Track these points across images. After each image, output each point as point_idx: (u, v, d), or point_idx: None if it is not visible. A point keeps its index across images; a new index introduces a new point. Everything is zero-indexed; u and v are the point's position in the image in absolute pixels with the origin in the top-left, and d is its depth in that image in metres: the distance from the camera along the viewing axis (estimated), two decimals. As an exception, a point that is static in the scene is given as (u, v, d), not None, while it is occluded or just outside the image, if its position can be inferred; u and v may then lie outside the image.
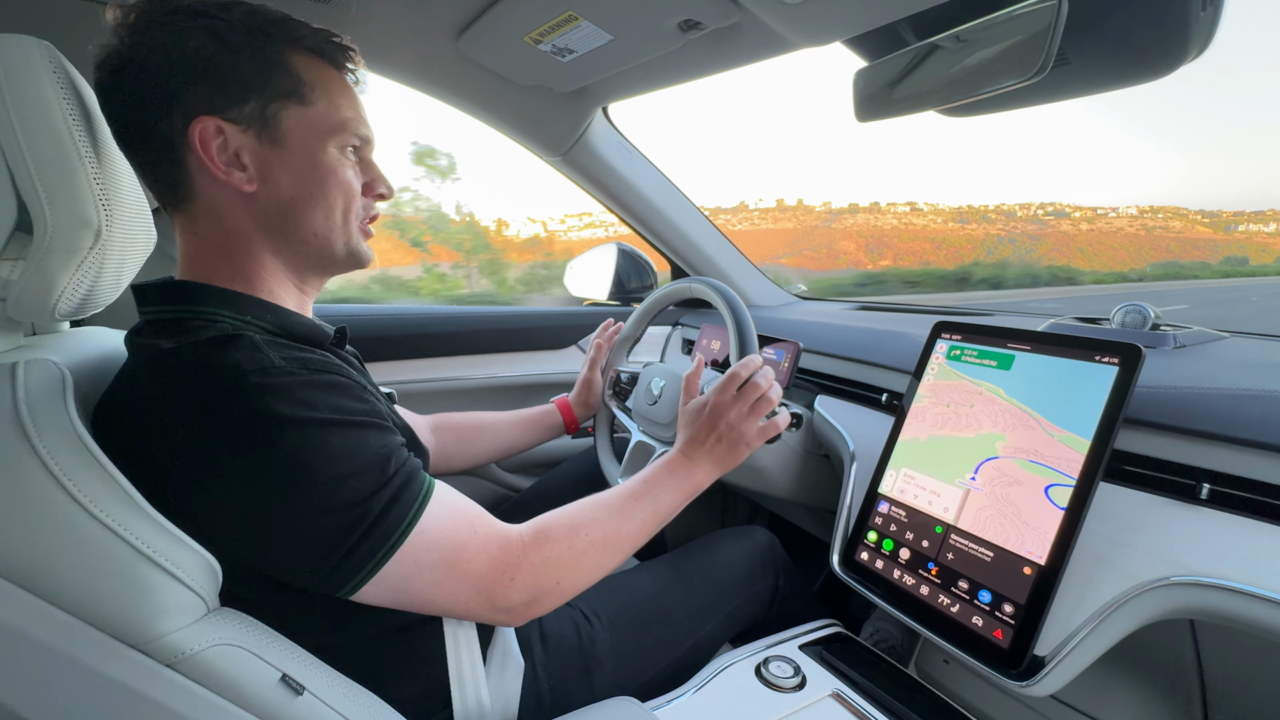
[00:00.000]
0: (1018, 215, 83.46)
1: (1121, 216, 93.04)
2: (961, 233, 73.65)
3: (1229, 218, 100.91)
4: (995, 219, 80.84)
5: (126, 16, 0.50)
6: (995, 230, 74.80)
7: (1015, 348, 0.70)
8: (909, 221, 79.83)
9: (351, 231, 0.59)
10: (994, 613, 0.60)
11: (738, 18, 0.78)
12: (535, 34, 0.87)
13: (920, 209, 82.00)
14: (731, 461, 0.71)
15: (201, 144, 0.51)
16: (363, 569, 0.47)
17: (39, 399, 0.44)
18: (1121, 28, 0.69)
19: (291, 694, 0.46)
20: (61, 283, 0.49)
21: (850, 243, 74.86)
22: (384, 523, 0.47)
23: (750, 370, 0.72)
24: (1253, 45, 24.99)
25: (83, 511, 0.42)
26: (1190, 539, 0.54)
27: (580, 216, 36.54)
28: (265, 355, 0.47)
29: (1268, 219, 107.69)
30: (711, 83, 0.98)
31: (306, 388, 0.48)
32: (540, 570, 0.55)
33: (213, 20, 0.51)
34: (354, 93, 0.59)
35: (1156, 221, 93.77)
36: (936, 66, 0.75)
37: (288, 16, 0.54)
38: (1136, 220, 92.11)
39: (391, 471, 0.49)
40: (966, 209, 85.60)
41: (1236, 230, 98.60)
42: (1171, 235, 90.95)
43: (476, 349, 1.31)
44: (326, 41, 0.56)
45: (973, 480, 0.67)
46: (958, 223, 77.64)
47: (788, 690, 0.64)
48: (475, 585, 0.52)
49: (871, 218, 70.95)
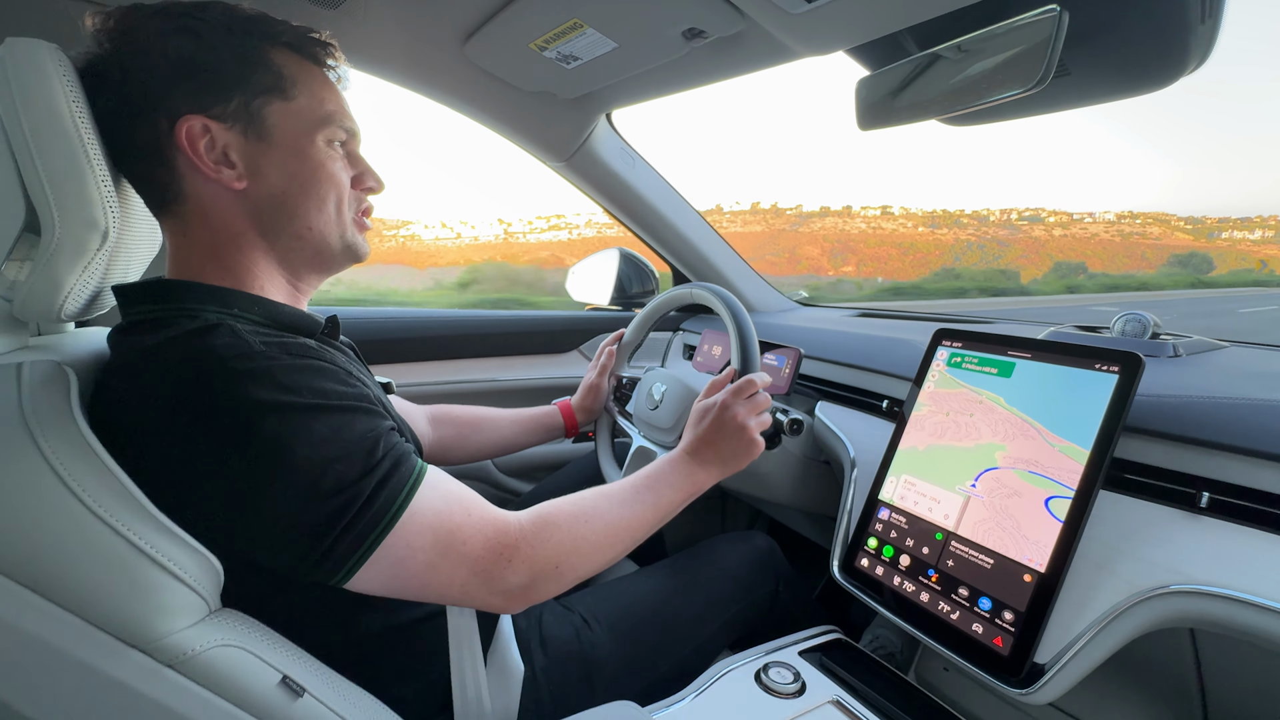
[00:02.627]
0: (991, 220, 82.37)
1: (1098, 222, 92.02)
2: (930, 238, 72.75)
3: (1214, 224, 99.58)
4: (968, 224, 79.83)
5: (106, 22, 0.50)
6: (966, 235, 73.84)
7: (1016, 355, 0.70)
8: (878, 226, 78.84)
9: (346, 224, 0.59)
10: (994, 620, 0.60)
11: (741, 27, 0.79)
12: (541, 41, 0.88)
13: (892, 213, 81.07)
14: (735, 465, 0.71)
15: (189, 143, 0.51)
16: (354, 554, 0.46)
17: (43, 398, 0.44)
18: (1121, 39, 0.70)
19: (292, 696, 0.46)
20: (68, 284, 0.49)
21: (815, 248, 73.55)
22: (373, 506, 0.47)
23: (764, 383, 0.74)
24: (1247, 58, 24.60)
25: (86, 511, 0.42)
26: (1190, 547, 0.54)
27: (547, 219, 36.90)
28: (245, 341, 0.47)
29: (1253, 225, 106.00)
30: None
31: (288, 371, 0.47)
32: (540, 553, 0.54)
33: (191, 20, 0.51)
34: (336, 88, 0.59)
35: (1134, 227, 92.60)
36: (938, 76, 0.75)
37: (264, 14, 0.55)
38: (1113, 226, 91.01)
39: (380, 455, 0.49)
40: (941, 213, 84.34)
41: (1219, 237, 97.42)
42: (1148, 242, 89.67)
43: (478, 352, 1.31)
44: (305, 38, 0.56)
45: (973, 487, 0.67)
46: (928, 227, 76.68)
47: (787, 696, 0.64)
48: (471, 567, 0.51)
49: (840, 222, 70.10)
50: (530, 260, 30.61)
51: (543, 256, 39.16)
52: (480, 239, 40.61)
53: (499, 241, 56.95)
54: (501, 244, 42.47)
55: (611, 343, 1.09)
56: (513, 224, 47.06)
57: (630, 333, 1.07)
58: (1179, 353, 0.76)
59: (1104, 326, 0.85)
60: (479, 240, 37.98)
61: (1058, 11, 0.60)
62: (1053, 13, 0.61)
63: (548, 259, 41.43)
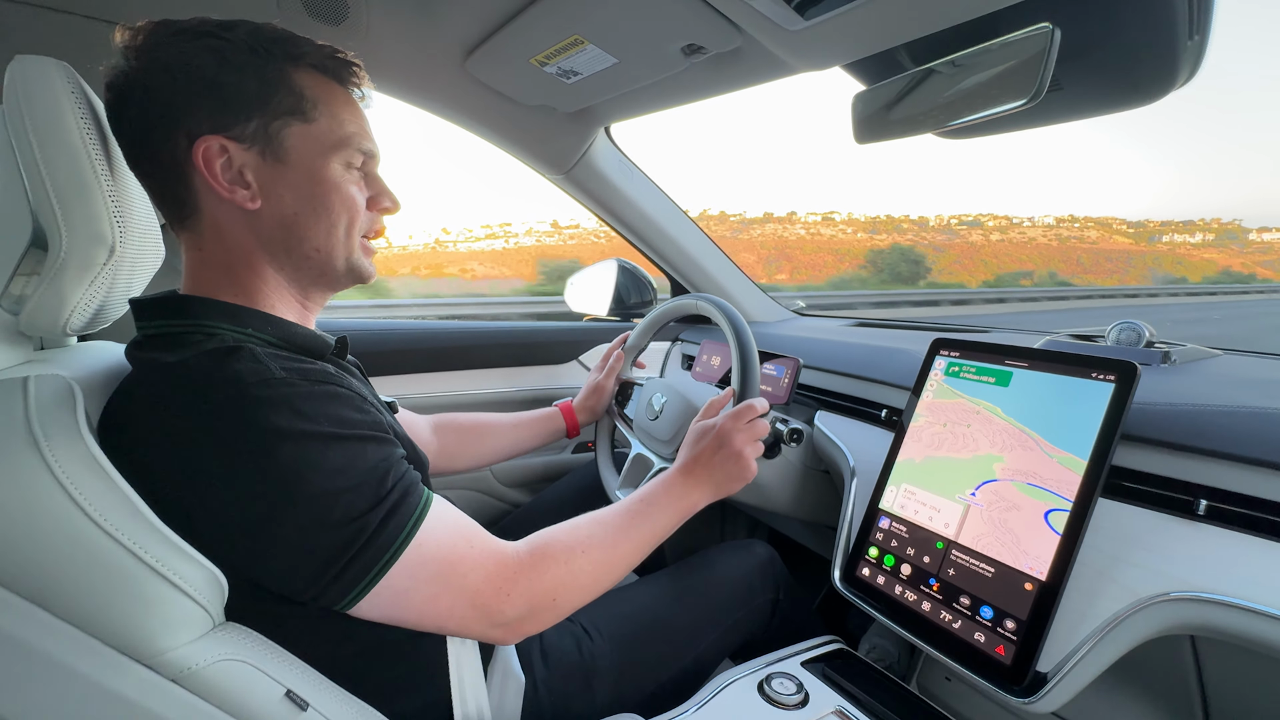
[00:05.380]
0: (931, 226, 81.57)
1: (1036, 226, 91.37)
2: (869, 244, 71.61)
3: (1156, 227, 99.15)
4: (909, 229, 78.91)
5: (134, 38, 0.51)
6: (904, 241, 73.06)
7: (1013, 365, 0.71)
8: (817, 232, 77.76)
9: (353, 247, 0.59)
10: (996, 629, 0.61)
11: (739, 43, 0.80)
12: (541, 56, 0.89)
13: (833, 219, 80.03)
14: (728, 488, 0.72)
15: (205, 163, 0.51)
16: (359, 583, 0.47)
17: (50, 412, 0.44)
18: (1113, 55, 0.72)
19: (296, 710, 0.46)
20: (74, 298, 0.49)
21: (751, 254, 72.36)
22: (380, 538, 0.47)
23: (763, 409, 0.75)
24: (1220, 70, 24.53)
25: (91, 524, 0.42)
26: (1189, 555, 0.55)
27: (489, 228, 37.02)
28: (265, 367, 0.48)
29: (1194, 229, 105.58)
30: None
31: (307, 399, 0.48)
32: (537, 586, 0.55)
33: (216, 40, 0.51)
34: (358, 108, 0.59)
35: (1072, 231, 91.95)
36: (933, 91, 0.76)
37: (290, 34, 0.55)
38: (1052, 230, 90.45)
39: (389, 486, 0.50)
40: (884, 219, 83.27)
41: (1160, 241, 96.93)
42: (1085, 246, 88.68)
43: (478, 364, 1.31)
44: (330, 58, 0.57)
45: (973, 496, 0.68)
46: (868, 234, 75.72)
47: (791, 708, 0.64)
48: (470, 600, 0.52)
49: (781, 228, 69.07)
50: (458, 272, 30.27)
51: (468, 268, 38.86)
52: (410, 248, 40.14)
53: (427, 251, 55.81)
54: (429, 253, 41.55)
55: (618, 345, 1.10)
56: (451, 232, 46.62)
57: (634, 337, 1.09)
58: (1174, 361, 0.77)
59: (1099, 335, 0.86)
60: (407, 249, 37.57)
61: (1050, 29, 0.62)
62: (1045, 30, 0.62)
63: (474, 270, 41.16)
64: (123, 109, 0.51)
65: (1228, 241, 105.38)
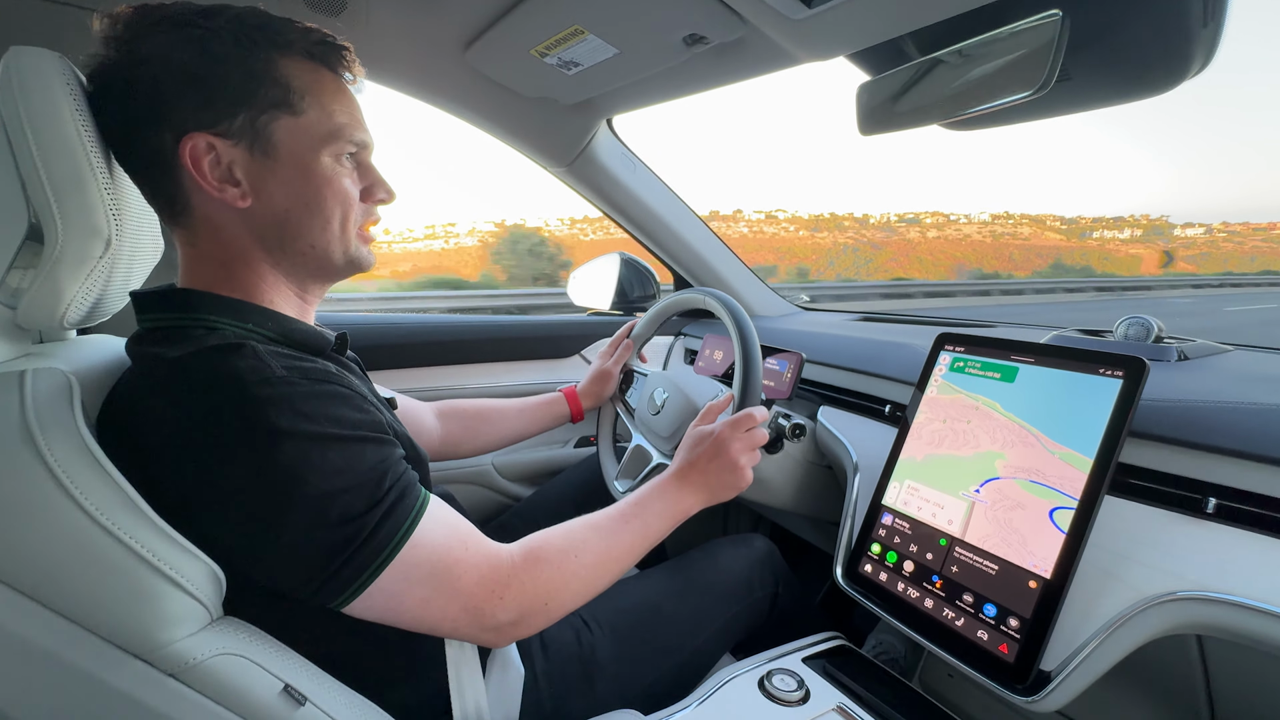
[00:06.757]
0: (872, 223, 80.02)
1: (972, 223, 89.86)
2: (810, 242, 69.90)
3: (1088, 224, 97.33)
4: (850, 227, 77.24)
5: (114, 27, 0.49)
6: (845, 239, 71.54)
7: (1019, 360, 0.70)
8: (759, 230, 76.08)
9: (349, 239, 0.58)
10: (999, 627, 0.60)
11: (742, 33, 0.79)
12: (542, 47, 0.88)
13: (777, 217, 78.39)
14: (722, 495, 0.72)
15: (193, 161, 0.50)
16: (353, 583, 0.47)
17: (46, 406, 0.44)
18: (1124, 44, 0.70)
19: (294, 704, 0.46)
20: (71, 291, 0.49)
21: None
22: (376, 538, 0.47)
23: (763, 418, 0.75)
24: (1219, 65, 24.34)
25: (88, 519, 0.42)
26: (1196, 553, 0.54)
27: (431, 228, 36.60)
28: (267, 365, 0.47)
29: (1124, 225, 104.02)
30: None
31: (307, 399, 0.48)
32: (529, 590, 0.55)
33: (197, 30, 0.49)
34: (349, 96, 0.57)
35: (1005, 228, 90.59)
36: (939, 81, 0.75)
37: (276, 19, 0.53)
38: (986, 227, 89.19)
39: (387, 486, 0.49)
40: (827, 217, 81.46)
41: (1090, 237, 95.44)
42: (1017, 242, 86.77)
43: (480, 358, 1.31)
44: (318, 44, 0.54)
45: (977, 494, 0.67)
46: (810, 231, 74.10)
47: (792, 704, 0.63)
48: (464, 603, 0.52)
49: (725, 226, 67.51)
50: (388, 274, 30.36)
51: (402, 270, 38.65)
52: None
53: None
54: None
55: (626, 332, 1.10)
56: (390, 232, 45.45)
57: (641, 326, 1.09)
58: (1184, 356, 0.76)
59: (1107, 330, 0.84)
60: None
61: (1059, 16, 0.60)
62: (1055, 17, 0.61)
63: (408, 271, 40.82)
64: (105, 102, 0.50)
65: (1154, 237, 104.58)
